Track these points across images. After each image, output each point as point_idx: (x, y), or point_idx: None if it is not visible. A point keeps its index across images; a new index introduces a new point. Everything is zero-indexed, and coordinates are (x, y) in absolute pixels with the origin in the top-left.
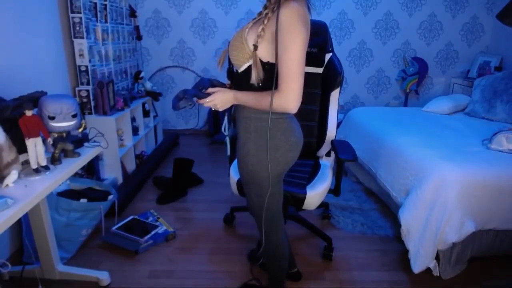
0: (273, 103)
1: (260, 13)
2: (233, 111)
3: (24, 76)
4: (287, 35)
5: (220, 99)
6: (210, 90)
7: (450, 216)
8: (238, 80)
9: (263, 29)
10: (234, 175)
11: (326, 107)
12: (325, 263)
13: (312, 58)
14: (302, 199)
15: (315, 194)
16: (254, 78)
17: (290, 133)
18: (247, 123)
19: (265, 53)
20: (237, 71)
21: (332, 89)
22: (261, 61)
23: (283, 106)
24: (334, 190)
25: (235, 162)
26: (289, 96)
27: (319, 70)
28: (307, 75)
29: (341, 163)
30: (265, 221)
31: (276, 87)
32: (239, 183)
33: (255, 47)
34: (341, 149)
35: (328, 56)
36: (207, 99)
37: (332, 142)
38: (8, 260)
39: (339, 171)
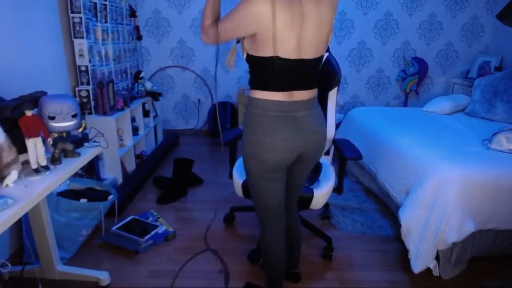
0: (203, 21)
1: None
2: None
3: (24, 76)
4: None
5: None
6: None
7: (450, 216)
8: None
9: None
10: (238, 178)
11: (324, 107)
12: (325, 263)
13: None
14: (310, 199)
15: (322, 193)
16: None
17: (269, 133)
18: (244, 116)
19: (246, 45)
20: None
21: (330, 88)
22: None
23: (201, 30)
24: (337, 189)
25: (237, 164)
26: (203, 29)
27: None
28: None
29: (344, 161)
30: (257, 214)
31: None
32: (245, 185)
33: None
34: (345, 148)
35: (324, 56)
36: None
37: (335, 141)
38: (8, 260)
39: (342, 170)
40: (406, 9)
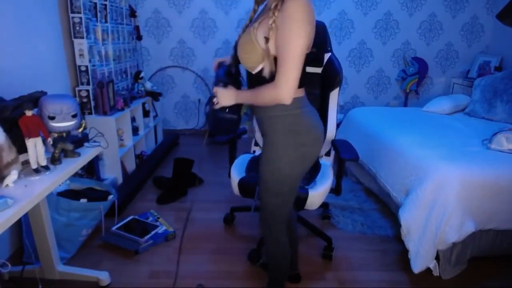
0: (267, 95)
1: (261, 9)
2: (251, 113)
3: (24, 76)
4: (291, 28)
5: (223, 96)
6: (215, 89)
7: (450, 216)
8: (254, 81)
9: (274, 21)
10: (235, 176)
11: (325, 107)
12: (325, 263)
13: (311, 58)
14: (304, 199)
15: (317, 193)
16: (267, 71)
17: (313, 127)
18: (272, 122)
19: (274, 46)
20: (251, 73)
21: (332, 88)
22: None
23: (276, 98)
24: (335, 190)
25: (236, 162)
26: (282, 89)
27: (318, 70)
28: (307, 75)
29: (342, 162)
30: (274, 221)
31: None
32: (241, 183)
33: (267, 39)
34: (343, 148)
35: (327, 56)
36: (214, 99)
37: (333, 141)
38: (8, 260)
39: (340, 171)
40: (406, 9)
